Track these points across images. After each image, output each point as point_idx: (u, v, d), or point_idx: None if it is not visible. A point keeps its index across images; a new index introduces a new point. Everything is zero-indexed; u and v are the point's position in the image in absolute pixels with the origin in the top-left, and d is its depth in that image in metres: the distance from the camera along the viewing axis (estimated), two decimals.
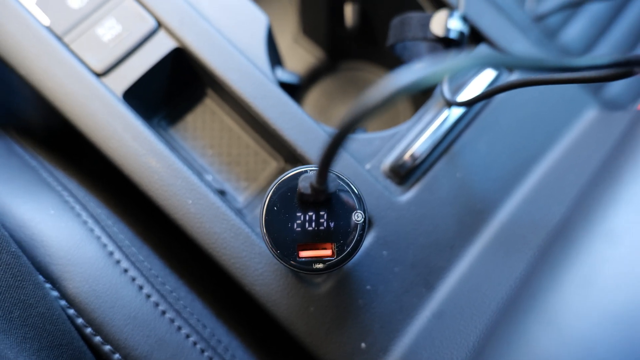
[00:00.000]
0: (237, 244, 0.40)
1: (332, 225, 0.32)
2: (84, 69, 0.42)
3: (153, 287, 0.37)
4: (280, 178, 0.32)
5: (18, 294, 0.31)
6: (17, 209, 0.37)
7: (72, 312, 0.34)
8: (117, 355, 0.34)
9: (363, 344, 0.40)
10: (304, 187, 0.29)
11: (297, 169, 0.32)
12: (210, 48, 0.44)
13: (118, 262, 0.37)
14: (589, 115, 0.48)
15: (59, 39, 0.43)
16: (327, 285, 0.40)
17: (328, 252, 0.32)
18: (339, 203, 0.32)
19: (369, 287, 0.41)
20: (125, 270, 0.37)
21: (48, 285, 0.34)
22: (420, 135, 0.44)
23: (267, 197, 0.32)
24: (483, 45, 0.49)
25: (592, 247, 0.20)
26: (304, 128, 0.43)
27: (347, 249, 0.32)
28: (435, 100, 0.46)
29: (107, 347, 0.34)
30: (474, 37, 0.50)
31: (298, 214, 0.31)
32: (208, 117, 0.50)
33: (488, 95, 0.36)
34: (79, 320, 0.34)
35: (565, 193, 0.40)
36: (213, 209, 0.40)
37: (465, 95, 0.45)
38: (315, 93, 0.73)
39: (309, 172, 0.31)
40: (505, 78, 0.47)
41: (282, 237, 0.31)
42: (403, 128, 0.45)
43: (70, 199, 0.40)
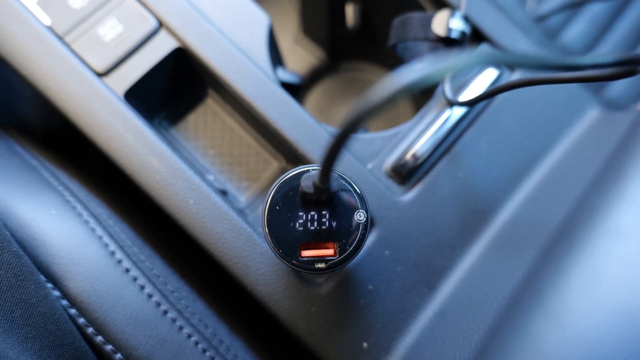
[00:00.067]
0: (238, 244, 0.40)
1: (334, 225, 0.32)
2: (85, 69, 0.42)
3: (155, 287, 0.37)
4: (283, 177, 0.32)
5: (19, 294, 0.31)
6: (18, 209, 0.37)
7: (73, 311, 0.34)
8: (118, 355, 0.34)
9: (365, 344, 0.40)
10: (307, 186, 0.29)
11: (299, 169, 0.32)
12: (212, 48, 0.44)
13: (120, 261, 0.37)
14: (591, 115, 0.48)
15: (60, 39, 0.43)
16: (328, 285, 0.40)
17: (330, 251, 0.32)
18: (341, 202, 0.32)
19: (371, 287, 0.40)
20: (127, 270, 0.37)
21: (49, 285, 0.34)
22: (422, 135, 0.44)
23: (269, 196, 0.31)
24: (485, 45, 0.49)
25: (597, 245, 0.20)
26: (306, 128, 0.43)
27: (349, 249, 0.32)
28: (437, 100, 0.46)
29: (108, 347, 0.34)
30: (475, 37, 0.50)
31: (300, 214, 0.31)
32: (209, 117, 0.50)
33: (490, 95, 0.36)
34: (81, 320, 0.34)
35: (567, 193, 0.40)
36: (215, 209, 0.40)
37: (467, 95, 0.45)
38: (316, 93, 0.73)
39: (311, 171, 0.31)
40: (507, 78, 0.47)
41: (284, 236, 0.31)
42: (405, 128, 0.45)
43: (72, 199, 0.40)
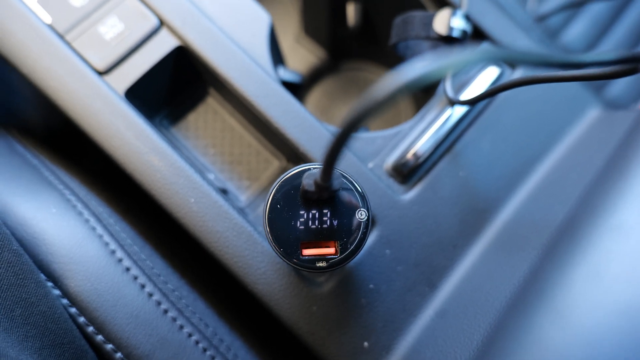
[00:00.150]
0: (239, 243, 0.40)
1: (335, 224, 0.31)
2: (86, 68, 0.42)
3: (155, 285, 0.37)
4: (284, 176, 0.31)
5: (20, 293, 0.30)
6: (18, 207, 0.37)
7: (73, 310, 0.34)
8: (118, 354, 0.34)
9: (366, 343, 0.39)
10: (308, 184, 0.29)
11: (300, 167, 0.32)
12: (213, 46, 0.44)
13: (120, 260, 0.37)
14: (592, 115, 0.48)
15: (61, 37, 0.43)
16: (329, 284, 0.40)
17: (331, 250, 0.32)
18: (343, 201, 0.31)
19: (372, 286, 0.40)
20: (127, 269, 0.37)
21: (50, 284, 0.34)
22: (423, 134, 0.44)
23: (270, 194, 0.31)
24: (486, 44, 0.49)
25: (600, 241, 0.20)
26: (307, 127, 0.43)
27: (350, 247, 0.32)
28: (438, 99, 0.46)
29: (109, 346, 0.34)
30: (476, 36, 0.50)
31: (301, 212, 0.31)
32: (210, 116, 0.50)
33: (491, 94, 0.36)
34: (81, 319, 0.34)
35: (568, 192, 0.40)
36: (215, 208, 0.40)
37: (468, 94, 0.45)
38: (317, 93, 0.72)
39: (313, 169, 0.31)
40: (508, 76, 0.47)
41: (285, 235, 0.31)
42: (406, 127, 0.45)
43: (72, 198, 0.39)
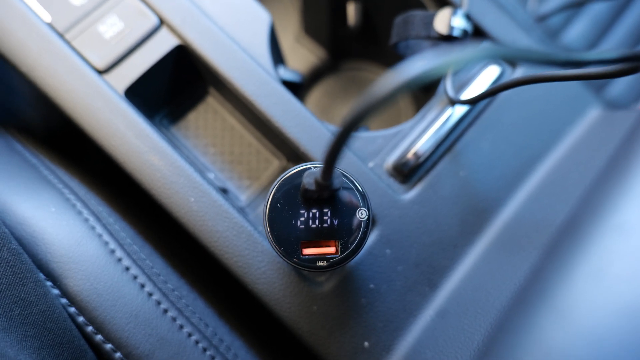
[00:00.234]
0: (239, 242, 0.40)
1: (335, 223, 0.31)
2: (86, 66, 0.42)
3: (155, 285, 0.37)
4: (284, 175, 0.31)
5: (19, 292, 0.30)
6: (17, 207, 0.36)
7: (73, 310, 0.34)
8: (118, 354, 0.34)
9: (366, 343, 0.39)
10: (309, 183, 0.29)
11: (300, 166, 0.32)
12: (213, 46, 0.43)
13: (119, 260, 0.37)
14: (592, 114, 0.47)
15: (61, 36, 0.42)
16: (330, 284, 0.40)
17: (332, 249, 0.31)
18: (343, 200, 0.31)
19: (372, 285, 0.40)
20: (127, 269, 0.36)
21: (49, 283, 0.34)
22: (424, 134, 0.44)
23: (270, 193, 0.31)
24: (487, 43, 0.49)
25: (602, 240, 0.20)
26: (307, 126, 0.43)
27: (350, 247, 0.31)
28: (439, 98, 0.46)
29: (108, 345, 0.34)
30: (477, 35, 0.49)
31: (301, 211, 0.31)
32: (210, 115, 0.50)
33: (492, 93, 0.36)
34: (80, 319, 0.34)
35: (569, 192, 0.40)
36: (215, 207, 0.40)
37: (469, 93, 0.45)
38: (317, 93, 0.72)
39: (313, 168, 0.31)
40: (509, 76, 0.47)
41: (285, 234, 0.31)
42: (406, 126, 0.45)
43: (72, 197, 0.39)
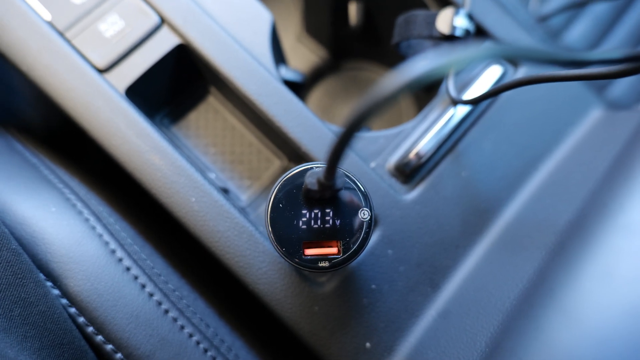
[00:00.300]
0: (240, 242, 0.39)
1: (337, 223, 0.31)
2: (86, 65, 0.41)
3: (155, 285, 0.37)
4: (286, 175, 0.31)
5: (19, 292, 0.30)
6: (17, 206, 0.36)
7: (73, 310, 0.33)
8: (119, 355, 0.33)
9: (368, 344, 0.39)
10: (311, 183, 0.28)
11: (302, 166, 0.32)
12: (214, 45, 0.43)
13: (120, 260, 0.36)
14: (594, 115, 0.47)
15: (61, 35, 0.42)
16: (331, 285, 0.40)
17: (334, 250, 0.31)
18: (345, 201, 0.31)
19: (374, 286, 0.40)
20: (128, 269, 0.36)
21: (49, 284, 0.33)
22: (426, 134, 0.44)
23: (272, 194, 0.31)
24: (489, 42, 0.48)
25: (609, 241, 0.20)
26: (309, 126, 0.42)
27: (353, 247, 0.31)
28: (441, 98, 0.46)
29: (109, 346, 0.33)
30: (479, 35, 0.49)
31: (303, 212, 0.31)
32: (211, 115, 0.50)
33: (494, 93, 0.36)
34: (81, 319, 0.33)
35: (571, 192, 0.40)
36: (216, 207, 0.40)
37: (471, 93, 0.45)
38: (318, 92, 0.72)
39: (315, 168, 0.31)
40: (511, 76, 0.47)
41: (287, 234, 0.31)
42: (408, 126, 0.45)
43: (72, 197, 0.39)
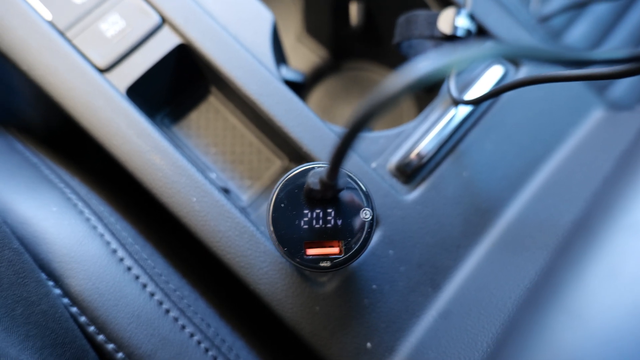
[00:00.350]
0: (241, 242, 0.39)
1: (339, 223, 0.31)
2: (87, 65, 0.41)
3: (157, 285, 0.37)
4: (288, 174, 0.31)
5: (20, 292, 0.30)
6: (19, 206, 0.36)
7: (74, 310, 0.33)
8: (120, 354, 0.33)
9: (369, 344, 0.39)
10: (313, 182, 0.28)
11: (304, 166, 0.32)
12: (215, 45, 0.43)
13: (121, 259, 0.36)
14: (596, 115, 0.47)
15: (62, 34, 0.42)
16: (332, 285, 0.40)
17: (335, 249, 0.31)
18: (347, 201, 0.31)
19: (375, 286, 0.40)
20: (129, 268, 0.36)
21: (51, 283, 0.33)
22: (427, 134, 0.44)
23: (274, 193, 0.31)
24: (490, 42, 0.48)
25: (614, 240, 0.20)
26: (310, 126, 0.42)
27: (354, 247, 0.31)
28: (442, 99, 0.46)
29: (110, 345, 0.33)
30: (480, 35, 0.49)
31: (305, 211, 0.31)
32: (212, 115, 0.50)
33: (495, 94, 0.36)
34: (82, 319, 0.33)
35: (573, 192, 0.40)
36: (217, 207, 0.40)
37: (472, 94, 0.45)
38: (319, 92, 0.72)
39: (317, 168, 0.31)
40: (513, 76, 0.47)
41: (288, 234, 0.31)
42: (409, 127, 0.45)
43: (73, 196, 0.39)
